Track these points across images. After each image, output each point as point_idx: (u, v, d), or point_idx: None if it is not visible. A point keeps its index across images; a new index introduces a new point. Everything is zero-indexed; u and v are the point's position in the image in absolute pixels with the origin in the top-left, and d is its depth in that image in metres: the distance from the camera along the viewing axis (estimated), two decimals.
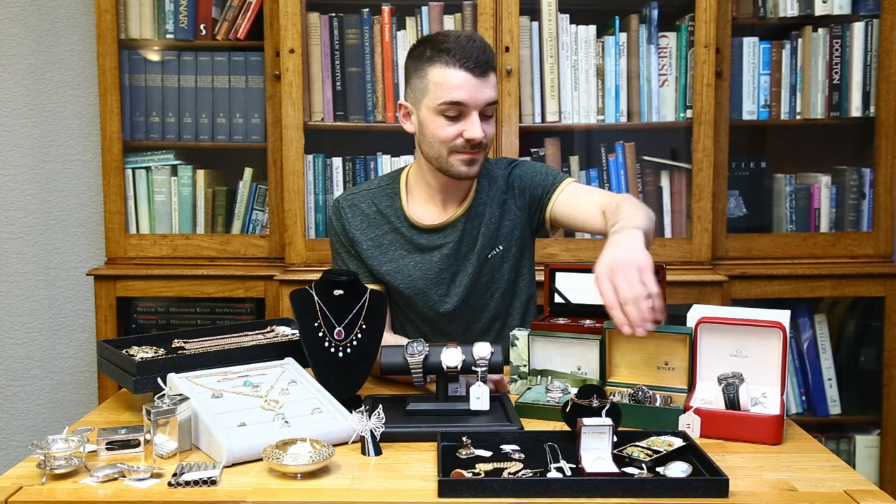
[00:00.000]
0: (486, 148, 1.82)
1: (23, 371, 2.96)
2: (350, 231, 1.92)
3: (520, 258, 1.95)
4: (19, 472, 1.32)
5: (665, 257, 2.50)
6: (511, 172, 1.95)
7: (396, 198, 1.92)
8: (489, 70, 1.76)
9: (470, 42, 1.74)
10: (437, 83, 1.75)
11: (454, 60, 1.73)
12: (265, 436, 1.35)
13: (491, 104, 1.78)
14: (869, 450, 2.63)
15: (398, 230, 1.91)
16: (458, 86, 1.73)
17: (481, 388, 1.51)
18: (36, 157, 2.89)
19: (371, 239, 1.91)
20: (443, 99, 1.74)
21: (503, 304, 1.95)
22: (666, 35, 2.53)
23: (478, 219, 1.90)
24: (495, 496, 1.20)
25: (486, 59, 1.75)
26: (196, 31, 2.60)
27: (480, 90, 1.74)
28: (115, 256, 2.61)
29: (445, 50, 1.74)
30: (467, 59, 1.72)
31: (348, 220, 1.92)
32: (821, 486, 1.26)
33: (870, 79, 2.56)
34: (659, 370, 1.58)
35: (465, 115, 1.76)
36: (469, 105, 1.74)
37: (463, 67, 1.73)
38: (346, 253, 1.94)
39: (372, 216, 1.92)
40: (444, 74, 1.74)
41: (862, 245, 2.59)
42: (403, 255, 1.90)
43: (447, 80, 1.74)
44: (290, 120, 2.45)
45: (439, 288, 1.91)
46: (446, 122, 1.77)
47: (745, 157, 2.65)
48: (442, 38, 1.77)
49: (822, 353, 2.64)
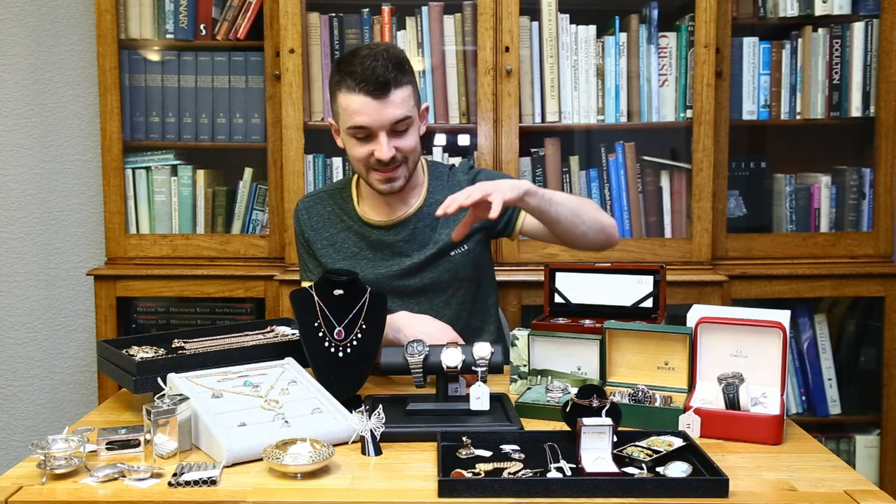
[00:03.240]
0: (408, 160, 1.84)
1: (23, 371, 2.96)
2: (306, 232, 1.98)
3: (479, 260, 1.98)
4: (19, 471, 1.32)
5: (665, 257, 2.50)
6: (475, 179, 1.97)
7: (349, 199, 1.98)
8: (390, 88, 1.75)
9: (371, 60, 1.74)
10: (343, 108, 1.80)
11: (354, 84, 1.75)
12: (265, 436, 1.35)
13: (400, 121, 1.78)
14: (869, 450, 2.63)
15: (351, 228, 1.96)
16: (358, 111, 1.76)
17: (481, 388, 1.51)
18: (36, 157, 2.90)
19: (325, 238, 1.96)
20: (349, 123, 1.79)
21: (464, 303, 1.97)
22: (666, 35, 2.53)
23: (430, 218, 1.93)
24: (495, 496, 1.20)
25: (385, 80, 1.74)
26: (196, 31, 2.60)
27: (381, 112, 1.76)
28: (115, 256, 2.61)
29: (349, 73, 1.76)
30: (365, 81, 1.74)
31: (304, 221, 1.99)
32: (821, 486, 1.26)
33: (870, 79, 2.56)
34: (659, 370, 1.58)
35: (373, 136, 1.79)
36: (373, 127, 1.77)
37: (362, 91, 1.74)
38: (306, 254, 2.00)
39: (327, 216, 1.98)
40: (347, 100, 1.78)
41: (862, 245, 2.59)
42: (356, 253, 1.95)
43: (350, 106, 1.77)
44: (290, 120, 2.45)
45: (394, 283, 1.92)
46: (357, 143, 1.81)
47: (745, 157, 2.65)
48: (349, 60, 1.78)
49: (822, 353, 2.64)
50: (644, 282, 1.76)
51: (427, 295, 1.95)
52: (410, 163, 1.86)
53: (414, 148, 1.85)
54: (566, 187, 2.56)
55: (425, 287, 1.94)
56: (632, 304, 1.76)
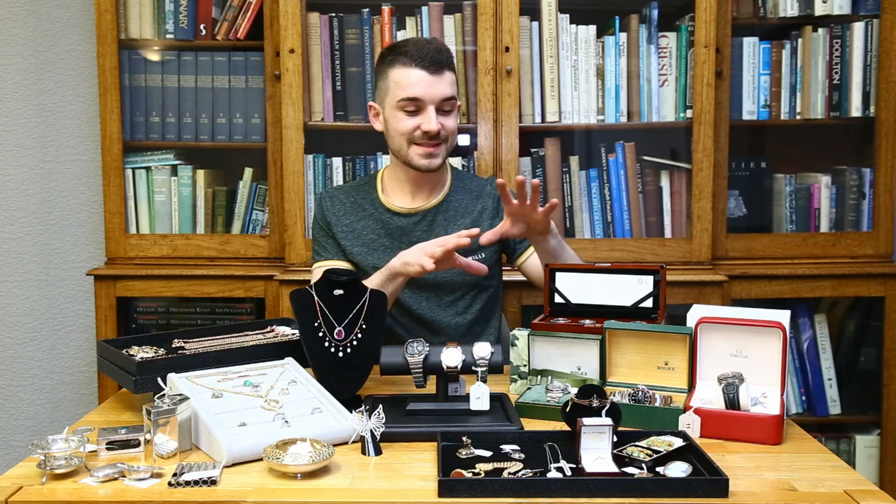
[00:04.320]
0: (447, 141, 1.97)
1: (23, 371, 2.96)
2: (328, 216, 2.07)
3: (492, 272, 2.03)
4: (19, 471, 1.32)
5: (665, 257, 2.50)
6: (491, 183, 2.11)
7: (373, 191, 2.08)
8: (444, 68, 1.92)
9: (426, 44, 1.93)
10: (396, 82, 1.93)
11: (410, 61, 1.90)
12: (265, 436, 1.35)
13: (447, 100, 1.93)
14: (869, 450, 2.63)
15: (372, 216, 2.05)
16: (414, 83, 1.90)
17: (481, 387, 1.51)
18: (36, 157, 2.89)
19: (346, 225, 2.05)
20: (401, 95, 1.92)
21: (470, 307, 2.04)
22: (666, 35, 2.53)
23: (451, 212, 2.04)
24: (495, 496, 1.20)
25: (440, 59, 1.91)
26: (196, 31, 2.60)
27: (434, 86, 1.90)
28: (115, 256, 2.61)
29: (403, 52, 1.92)
30: (422, 58, 1.90)
31: (328, 207, 2.08)
32: (821, 486, 1.26)
33: (870, 79, 2.56)
34: (659, 370, 1.58)
35: (423, 109, 1.92)
36: (425, 100, 1.91)
37: (418, 66, 1.90)
38: (324, 236, 2.08)
39: (349, 205, 2.07)
40: (401, 74, 1.92)
41: (862, 245, 2.59)
42: (374, 240, 2.03)
43: (404, 79, 1.91)
44: (289, 120, 2.45)
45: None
46: (406, 116, 1.93)
47: (745, 156, 2.64)
48: (402, 43, 1.95)
49: (822, 353, 2.64)
50: (644, 282, 1.76)
51: (436, 291, 2.02)
52: (448, 145, 1.99)
53: (454, 130, 1.99)
54: (566, 187, 2.56)
55: (437, 283, 2.01)
56: (632, 304, 1.76)
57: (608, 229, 2.56)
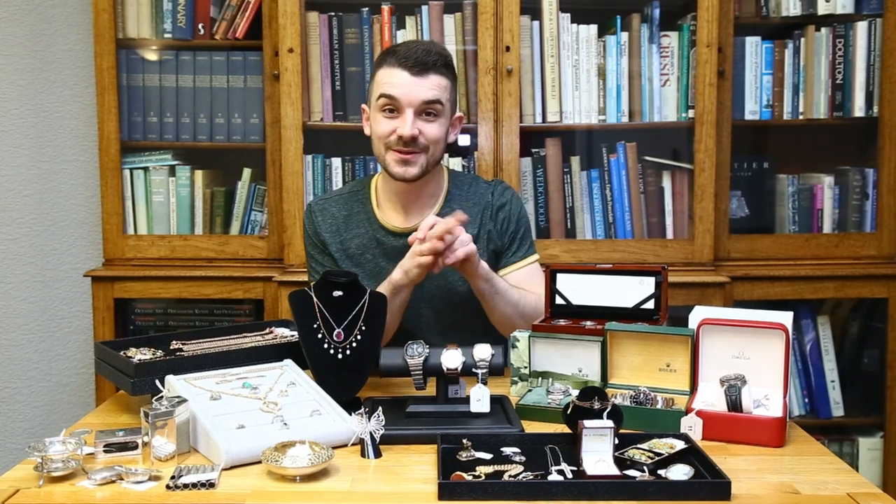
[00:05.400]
0: (428, 150, 1.86)
1: (20, 373, 2.95)
2: (321, 234, 1.98)
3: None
4: (16, 474, 1.32)
5: (667, 258, 2.49)
6: (504, 206, 1.98)
7: (367, 202, 1.99)
8: (429, 71, 1.82)
9: (417, 45, 1.85)
10: (378, 81, 1.86)
11: (396, 61, 1.83)
12: (264, 438, 1.35)
13: (430, 103, 1.83)
14: (872, 452, 2.62)
15: (367, 232, 1.96)
16: (393, 83, 1.82)
17: (482, 389, 1.50)
18: (33, 157, 2.88)
19: (340, 243, 1.97)
20: (378, 93, 1.85)
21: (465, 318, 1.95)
22: (668, 34, 2.52)
23: None
24: (496, 499, 1.20)
25: (426, 60, 1.82)
26: (194, 31, 2.59)
27: (414, 88, 1.81)
28: (113, 257, 2.60)
29: (393, 53, 1.85)
30: (407, 58, 1.82)
31: (318, 223, 1.99)
32: (823, 489, 1.26)
33: (873, 78, 2.55)
34: (661, 372, 1.58)
35: (400, 111, 1.83)
36: (402, 101, 1.82)
37: (401, 66, 1.82)
38: (319, 253, 1.99)
39: (342, 220, 1.98)
40: (385, 73, 1.84)
41: (865, 246, 2.58)
42: (370, 260, 1.95)
43: (384, 78, 1.84)
44: (288, 120, 2.44)
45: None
46: (384, 118, 1.85)
47: (748, 157, 2.63)
48: (397, 45, 1.89)
49: (824, 355, 2.63)
50: (646, 283, 1.76)
51: (433, 302, 1.95)
52: (430, 155, 1.87)
53: (437, 139, 1.87)
54: (567, 188, 2.55)
55: (433, 295, 1.94)
56: (633, 306, 1.76)
57: (609, 230, 2.55)
